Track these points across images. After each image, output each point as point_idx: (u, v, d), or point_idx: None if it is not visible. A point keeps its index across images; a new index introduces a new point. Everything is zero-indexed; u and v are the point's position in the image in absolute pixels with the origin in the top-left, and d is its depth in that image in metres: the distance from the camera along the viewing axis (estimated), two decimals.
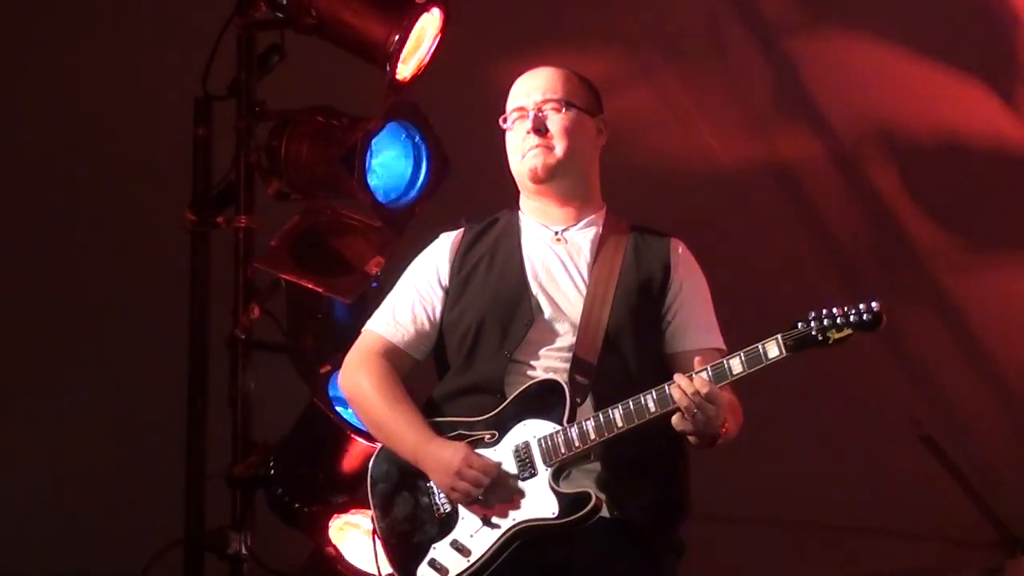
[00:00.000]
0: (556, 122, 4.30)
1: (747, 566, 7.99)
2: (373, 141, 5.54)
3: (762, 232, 7.11)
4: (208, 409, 5.73)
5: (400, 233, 5.63)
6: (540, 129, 4.29)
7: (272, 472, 5.60)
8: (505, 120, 4.36)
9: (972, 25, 6.51)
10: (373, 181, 5.57)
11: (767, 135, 6.99)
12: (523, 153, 4.31)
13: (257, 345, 5.72)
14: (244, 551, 5.60)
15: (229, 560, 5.63)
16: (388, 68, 5.57)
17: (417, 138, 5.65)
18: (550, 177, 4.30)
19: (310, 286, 5.64)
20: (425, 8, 5.61)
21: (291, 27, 5.73)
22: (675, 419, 4.02)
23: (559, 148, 4.29)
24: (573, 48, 6.63)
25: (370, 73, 5.65)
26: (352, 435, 5.43)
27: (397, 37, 5.54)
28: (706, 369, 4.01)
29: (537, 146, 4.28)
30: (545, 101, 4.31)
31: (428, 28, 5.64)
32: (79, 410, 7.20)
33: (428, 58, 5.67)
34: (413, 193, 5.68)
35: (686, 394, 3.99)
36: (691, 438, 4.07)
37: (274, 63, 5.81)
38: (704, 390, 3.98)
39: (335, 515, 5.57)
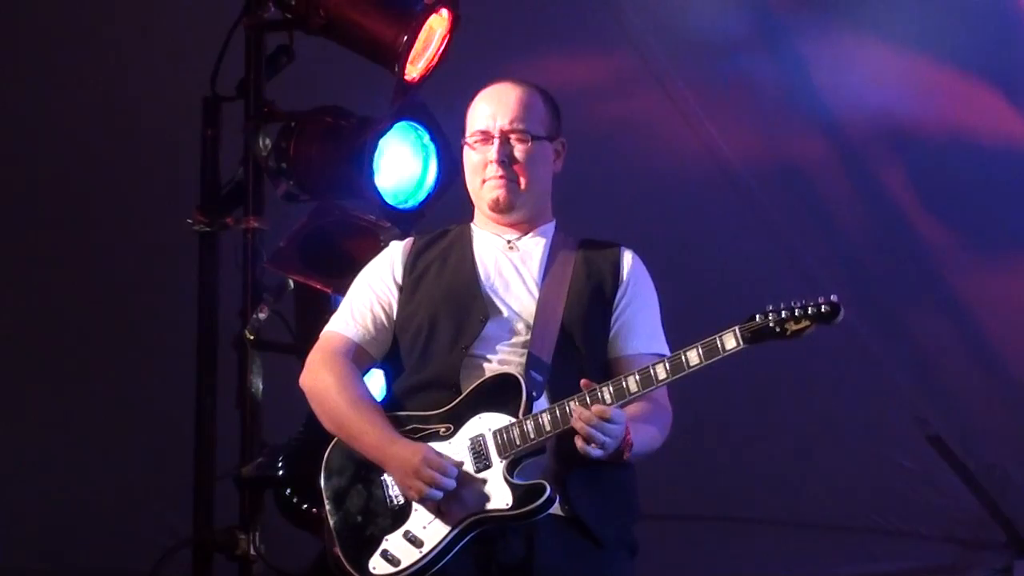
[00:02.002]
0: (521, 154, 4.31)
1: (753, 566, 7.97)
2: (382, 141, 5.55)
3: (769, 231, 7.10)
4: (217, 410, 5.73)
5: (409, 233, 5.62)
6: (505, 161, 4.30)
7: (280, 473, 5.59)
8: (467, 141, 4.36)
9: (980, 25, 6.50)
10: (382, 182, 5.57)
11: (774, 134, 6.97)
12: (484, 179, 4.33)
13: (266, 346, 5.72)
14: (253, 552, 5.61)
15: (238, 561, 5.63)
16: (396, 69, 5.57)
17: (426, 138, 5.66)
18: (510, 209, 4.34)
19: (319, 287, 5.64)
20: (434, 9, 5.61)
21: (300, 28, 5.73)
22: (579, 444, 4.02)
23: (522, 182, 4.32)
24: (581, 48, 6.62)
25: (379, 74, 5.64)
26: None
27: (405, 38, 5.54)
28: (607, 386, 4.04)
29: (501, 178, 4.31)
30: (511, 131, 4.31)
31: (436, 29, 5.65)
32: (88, 410, 7.20)
33: (437, 58, 5.67)
34: (422, 193, 5.68)
35: (582, 421, 4.01)
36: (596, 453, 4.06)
37: (283, 64, 5.81)
38: (603, 414, 4.01)
39: None
